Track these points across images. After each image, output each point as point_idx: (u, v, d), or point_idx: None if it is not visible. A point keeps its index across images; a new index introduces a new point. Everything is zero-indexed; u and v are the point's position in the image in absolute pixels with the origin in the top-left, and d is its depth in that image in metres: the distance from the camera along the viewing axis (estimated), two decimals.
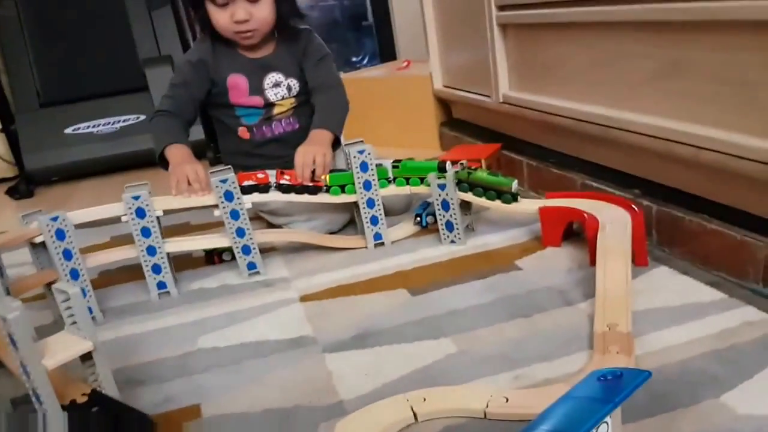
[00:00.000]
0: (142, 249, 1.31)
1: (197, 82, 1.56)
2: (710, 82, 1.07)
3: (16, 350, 0.76)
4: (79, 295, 0.81)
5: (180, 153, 1.45)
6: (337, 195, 1.41)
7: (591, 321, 0.98)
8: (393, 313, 1.12)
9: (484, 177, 1.35)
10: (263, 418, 0.87)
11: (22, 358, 0.76)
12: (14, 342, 0.76)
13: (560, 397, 0.59)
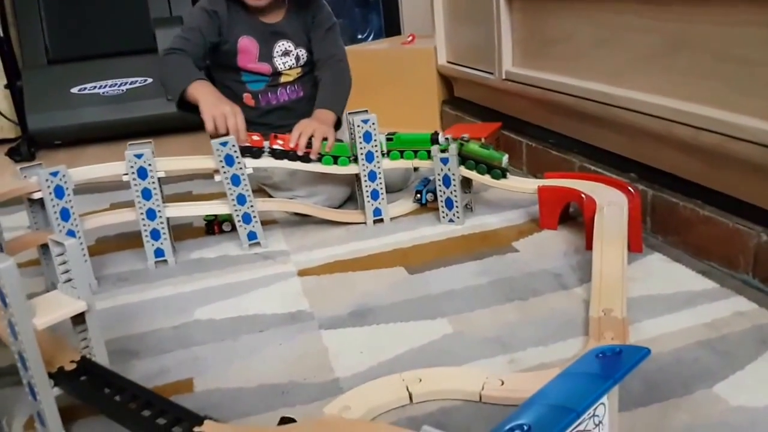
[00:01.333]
0: (141, 212, 1.29)
1: (210, 30, 1.52)
2: (711, 60, 1.07)
3: (5, 307, 0.73)
4: (76, 247, 0.78)
5: (211, 90, 1.41)
6: (328, 165, 1.40)
7: (586, 306, 0.99)
8: (390, 291, 1.12)
9: (477, 149, 1.35)
10: (257, 393, 0.88)
11: (10, 315, 0.73)
12: (3, 297, 0.72)
13: (559, 374, 0.60)
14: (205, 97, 1.39)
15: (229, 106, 1.36)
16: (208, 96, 1.40)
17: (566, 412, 0.55)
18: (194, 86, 1.41)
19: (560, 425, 0.54)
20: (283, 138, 1.38)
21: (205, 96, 1.39)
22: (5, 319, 0.75)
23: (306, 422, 0.70)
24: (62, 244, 0.78)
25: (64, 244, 0.77)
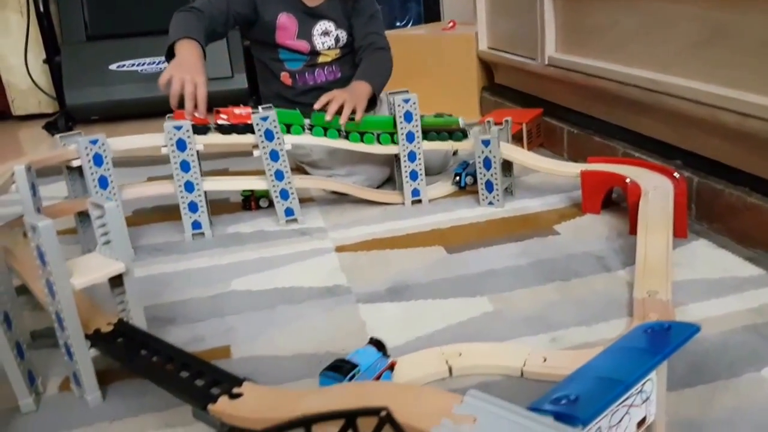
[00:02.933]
0: (180, 184, 1.30)
1: (240, 1, 1.50)
2: (758, 46, 1.03)
3: (43, 266, 0.73)
4: (116, 210, 0.77)
5: (189, 53, 1.32)
6: (356, 142, 1.38)
7: (629, 288, 0.97)
8: (429, 269, 1.11)
9: (432, 120, 1.38)
10: (294, 362, 0.87)
11: (49, 274, 0.73)
12: (42, 256, 0.73)
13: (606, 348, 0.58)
14: (181, 56, 1.32)
15: (190, 75, 1.27)
16: (184, 55, 1.33)
17: (615, 384, 0.53)
18: (181, 43, 1.35)
19: (609, 397, 0.52)
20: (227, 112, 1.31)
21: (181, 54, 1.32)
22: (43, 278, 0.76)
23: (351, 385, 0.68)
24: (102, 207, 0.78)
25: (103, 206, 0.77)
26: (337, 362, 0.76)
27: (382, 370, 0.77)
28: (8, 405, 0.80)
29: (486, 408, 0.47)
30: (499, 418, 0.46)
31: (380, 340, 0.79)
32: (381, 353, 0.78)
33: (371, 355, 0.77)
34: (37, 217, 0.71)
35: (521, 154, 1.35)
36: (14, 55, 2.75)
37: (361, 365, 0.75)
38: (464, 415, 0.47)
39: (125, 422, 0.76)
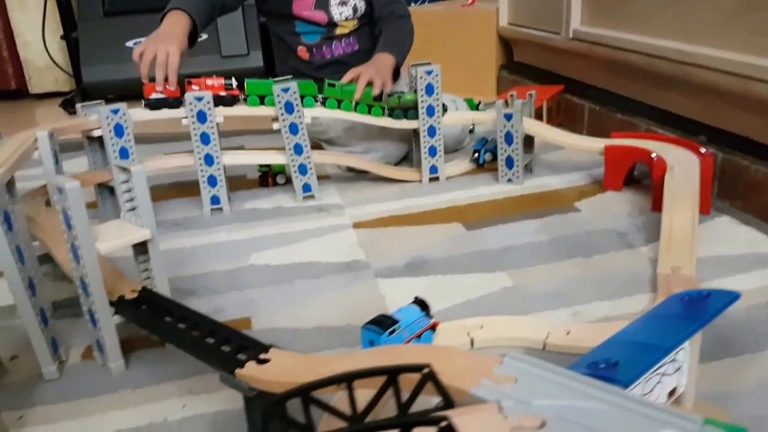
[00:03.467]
0: (199, 157, 1.29)
1: None
2: None
3: (69, 230, 0.73)
4: (142, 173, 0.77)
5: (170, 25, 1.30)
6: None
7: (652, 264, 0.96)
8: (447, 245, 1.10)
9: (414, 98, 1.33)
10: (315, 334, 0.87)
11: (74, 238, 0.72)
12: (68, 219, 0.72)
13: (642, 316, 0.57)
14: (161, 28, 1.29)
15: (164, 45, 1.23)
16: (164, 26, 1.29)
17: (654, 349, 0.53)
18: (168, 14, 1.32)
19: (649, 361, 0.51)
20: (198, 83, 1.28)
21: (162, 26, 1.30)
22: (68, 242, 0.75)
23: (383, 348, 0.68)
24: (128, 170, 0.77)
25: (130, 170, 0.77)
26: (379, 317, 0.77)
27: (424, 329, 0.77)
28: (32, 373, 0.81)
29: (526, 369, 0.46)
30: (541, 379, 0.45)
31: (424, 300, 0.80)
32: (424, 313, 0.79)
33: (413, 313, 0.78)
34: (64, 179, 0.71)
35: (544, 129, 1.33)
36: (31, 32, 2.74)
37: (402, 322, 0.76)
38: (505, 375, 0.46)
39: (148, 390, 0.77)
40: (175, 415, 0.72)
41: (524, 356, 0.49)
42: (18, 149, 0.95)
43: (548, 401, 0.43)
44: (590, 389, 0.44)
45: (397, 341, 0.76)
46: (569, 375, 0.46)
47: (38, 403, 0.76)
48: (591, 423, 0.40)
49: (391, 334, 0.74)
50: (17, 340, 0.87)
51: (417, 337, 0.77)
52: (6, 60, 2.76)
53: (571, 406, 0.42)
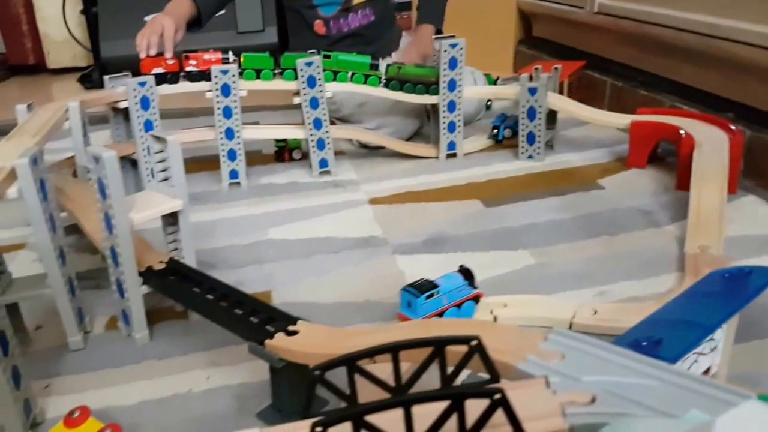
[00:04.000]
0: (221, 130, 1.29)
1: None
2: None
3: (103, 199, 0.73)
4: (177, 144, 0.76)
5: (172, 6, 1.35)
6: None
7: (679, 243, 0.94)
8: (466, 222, 1.09)
9: (413, 70, 1.33)
10: (334, 308, 0.87)
11: (108, 207, 0.72)
12: (103, 188, 0.72)
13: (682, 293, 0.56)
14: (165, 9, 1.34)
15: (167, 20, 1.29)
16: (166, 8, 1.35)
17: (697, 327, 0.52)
18: None
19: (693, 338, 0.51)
20: (196, 57, 1.27)
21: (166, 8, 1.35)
22: (102, 211, 0.75)
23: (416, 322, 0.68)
24: (164, 140, 0.76)
25: (166, 141, 0.76)
26: (420, 281, 0.77)
27: (465, 298, 0.77)
28: (56, 342, 0.81)
29: (573, 345, 0.45)
30: (588, 355, 0.44)
31: (469, 269, 0.79)
32: (467, 282, 0.78)
33: (456, 281, 0.77)
34: (101, 149, 0.70)
35: (569, 105, 1.31)
36: (51, 6, 2.72)
37: (441, 287, 0.76)
38: (551, 351, 0.45)
39: (172, 361, 0.77)
40: (199, 386, 0.72)
41: (570, 332, 0.48)
42: (50, 119, 0.95)
43: (597, 377, 0.42)
44: (639, 365, 0.43)
45: (435, 306, 0.76)
46: (617, 351, 0.45)
47: (64, 373, 0.76)
48: (642, 399, 0.40)
49: (428, 298, 0.74)
50: (41, 310, 0.87)
51: (457, 305, 0.77)
52: (25, 34, 2.75)
53: (620, 382, 0.42)
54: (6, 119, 1.92)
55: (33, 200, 0.71)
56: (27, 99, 1.01)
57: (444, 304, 0.76)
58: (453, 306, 0.77)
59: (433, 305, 0.76)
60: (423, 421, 0.36)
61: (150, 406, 0.70)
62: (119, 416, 0.68)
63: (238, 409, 0.69)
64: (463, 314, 0.77)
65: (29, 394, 0.66)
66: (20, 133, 0.87)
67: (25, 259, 1.06)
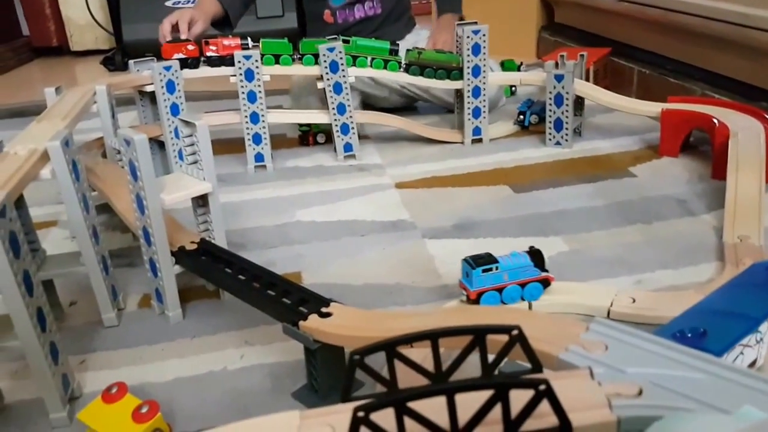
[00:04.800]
0: (246, 115, 1.28)
1: None
2: None
3: (134, 181, 0.73)
4: (206, 128, 0.76)
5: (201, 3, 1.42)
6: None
7: (716, 233, 0.93)
8: (495, 207, 1.08)
9: (434, 55, 1.33)
10: (365, 291, 0.87)
11: (140, 188, 0.73)
12: (135, 170, 0.72)
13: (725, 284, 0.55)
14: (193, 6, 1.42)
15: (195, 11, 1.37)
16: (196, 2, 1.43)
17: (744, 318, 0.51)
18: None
19: (740, 331, 0.49)
20: (215, 43, 1.29)
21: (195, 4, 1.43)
22: (133, 193, 0.75)
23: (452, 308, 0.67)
24: (193, 124, 0.76)
25: (195, 124, 0.76)
26: (482, 254, 0.76)
27: (530, 278, 0.76)
28: (90, 319, 0.81)
29: (615, 335, 0.45)
30: (632, 346, 0.43)
31: (539, 251, 0.77)
32: (533, 263, 0.76)
33: (521, 260, 0.76)
34: (132, 131, 0.71)
35: (597, 92, 1.29)
36: None
37: (502, 263, 0.75)
38: (594, 341, 0.44)
39: (205, 339, 0.77)
40: (233, 364, 0.72)
41: (611, 322, 0.47)
42: (79, 102, 0.95)
43: (643, 369, 0.41)
44: (685, 357, 0.42)
45: (493, 281, 0.75)
46: (661, 342, 0.44)
47: (99, 349, 0.76)
48: (690, 392, 0.39)
49: (486, 272, 0.74)
50: (74, 287, 0.88)
51: (521, 284, 0.76)
52: (48, 17, 2.77)
53: (666, 374, 0.41)
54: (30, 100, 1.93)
55: (66, 181, 0.71)
56: (50, 81, 1.01)
57: (504, 280, 0.75)
58: (514, 284, 0.75)
59: (491, 280, 0.75)
60: (465, 410, 0.35)
61: (185, 383, 0.70)
62: (154, 392, 0.68)
63: (272, 387, 0.68)
64: (527, 295, 0.76)
65: (67, 369, 0.66)
66: (50, 115, 0.88)
67: (57, 237, 1.07)
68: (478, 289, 0.75)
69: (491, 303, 0.75)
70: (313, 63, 1.29)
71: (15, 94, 2.17)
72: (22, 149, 0.71)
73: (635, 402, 0.38)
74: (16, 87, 2.34)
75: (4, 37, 2.65)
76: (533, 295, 0.76)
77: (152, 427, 0.58)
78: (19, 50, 2.72)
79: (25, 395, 0.69)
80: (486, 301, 0.75)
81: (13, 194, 0.63)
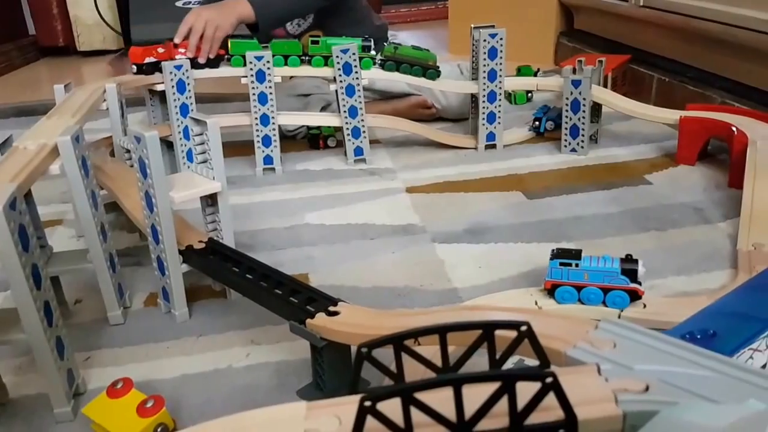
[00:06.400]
0: (256, 116, 1.28)
1: None
2: None
3: (144, 178, 0.73)
4: (217, 126, 0.76)
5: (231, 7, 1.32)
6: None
7: (731, 241, 0.91)
8: (508, 213, 1.07)
9: (411, 51, 1.30)
10: (373, 293, 0.86)
11: (149, 186, 0.73)
12: (144, 167, 0.72)
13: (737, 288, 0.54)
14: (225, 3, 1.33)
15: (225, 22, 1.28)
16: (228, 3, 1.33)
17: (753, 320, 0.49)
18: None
19: (749, 332, 0.48)
20: (184, 45, 1.26)
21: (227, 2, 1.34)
22: (143, 190, 0.75)
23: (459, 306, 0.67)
24: (204, 123, 0.76)
25: (205, 123, 0.76)
26: (570, 249, 0.76)
27: (614, 285, 0.72)
28: (96, 316, 0.81)
29: (623, 333, 0.44)
30: (639, 344, 0.43)
31: (637, 260, 0.73)
32: (621, 270, 0.72)
33: (608, 265, 0.73)
34: (143, 129, 0.71)
35: (615, 98, 1.27)
36: None
37: (583, 262, 0.73)
38: (601, 339, 0.44)
39: (212, 338, 0.76)
40: (239, 362, 0.72)
41: (620, 321, 0.47)
42: (88, 99, 0.95)
43: (650, 366, 0.41)
44: (693, 355, 0.42)
45: (572, 277, 0.73)
46: (670, 341, 0.43)
47: (104, 346, 0.76)
48: (697, 389, 0.38)
49: (562, 265, 0.73)
50: (81, 284, 0.88)
51: (604, 289, 0.73)
52: (55, 17, 2.77)
53: (674, 371, 0.40)
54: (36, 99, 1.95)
55: (75, 177, 0.71)
56: (57, 80, 1.01)
57: (583, 279, 0.73)
58: (595, 287, 0.73)
59: (569, 275, 0.74)
60: (471, 403, 0.35)
61: (191, 380, 0.69)
62: (160, 389, 0.67)
63: (278, 384, 0.68)
64: (610, 302, 0.73)
65: (72, 365, 0.66)
66: (60, 112, 0.88)
67: (62, 236, 1.07)
68: (551, 280, 0.74)
69: (567, 299, 0.74)
70: (322, 64, 1.27)
71: (21, 92, 2.18)
72: (32, 144, 0.71)
73: (641, 397, 0.38)
74: (23, 86, 2.35)
75: (9, 35, 2.64)
76: (616, 303, 0.73)
77: (157, 421, 0.58)
78: (25, 49, 2.72)
79: (29, 390, 0.69)
80: (561, 295, 0.74)
81: (23, 187, 0.63)
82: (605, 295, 0.73)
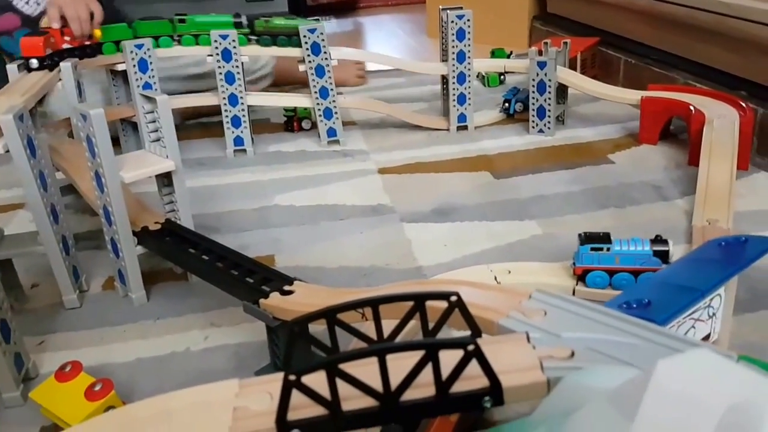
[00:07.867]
0: (224, 96, 1.27)
1: None
2: None
3: (93, 158, 0.72)
4: (167, 103, 0.74)
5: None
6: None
7: (688, 217, 0.93)
8: (475, 193, 1.08)
9: (283, 22, 1.26)
10: (339, 273, 0.86)
11: (98, 166, 0.72)
12: (92, 146, 0.71)
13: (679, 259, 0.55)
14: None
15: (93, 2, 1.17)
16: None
17: (689, 291, 0.51)
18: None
19: (684, 302, 0.50)
20: (69, 33, 1.15)
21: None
22: (92, 170, 0.74)
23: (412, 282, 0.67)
24: (154, 100, 0.75)
25: (155, 100, 0.75)
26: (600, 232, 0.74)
27: (645, 268, 0.70)
28: (52, 301, 0.81)
29: (555, 303, 0.45)
30: (569, 313, 0.44)
31: (666, 241, 0.72)
32: (653, 252, 0.71)
33: (638, 248, 0.72)
34: (89, 106, 0.69)
35: (579, 79, 1.28)
36: None
37: (614, 246, 0.72)
38: (533, 308, 0.45)
39: (170, 321, 0.76)
40: (197, 345, 0.72)
41: (555, 292, 0.48)
42: (41, 79, 0.93)
43: (577, 334, 0.42)
44: (620, 323, 0.43)
45: (602, 261, 0.72)
46: (599, 310, 0.45)
47: (59, 330, 0.76)
48: (621, 355, 0.39)
49: (594, 250, 0.72)
50: (38, 268, 0.87)
51: (633, 272, 0.71)
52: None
53: (600, 338, 0.42)
54: None
55: (20, 156, 0.70)
56: None
57: (614, 263, 0.72)
58: (625, 271, 0.71)
59: (599, 260, 0.72)
60: (397, 373, 0.36)
61: (146, 363, 0.69)
62: (115, 373, 0.67)
63: (236, 366, 0.68)
64: None
65: (21, 349, 0.65)
66: (10, 91, 0.87)
67: (23, 219, 1.06)
68: (582, 266, 0.73)
69: (598, 284, 0.72)
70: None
71: None
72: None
73: (566, 364, 0.39)
74: None
75: None
76: None
77: (105, 404, 0.58)
78: None
79: None
80: (592, 280, 0.72)
81: None
82: (636, 279, 0.71)
